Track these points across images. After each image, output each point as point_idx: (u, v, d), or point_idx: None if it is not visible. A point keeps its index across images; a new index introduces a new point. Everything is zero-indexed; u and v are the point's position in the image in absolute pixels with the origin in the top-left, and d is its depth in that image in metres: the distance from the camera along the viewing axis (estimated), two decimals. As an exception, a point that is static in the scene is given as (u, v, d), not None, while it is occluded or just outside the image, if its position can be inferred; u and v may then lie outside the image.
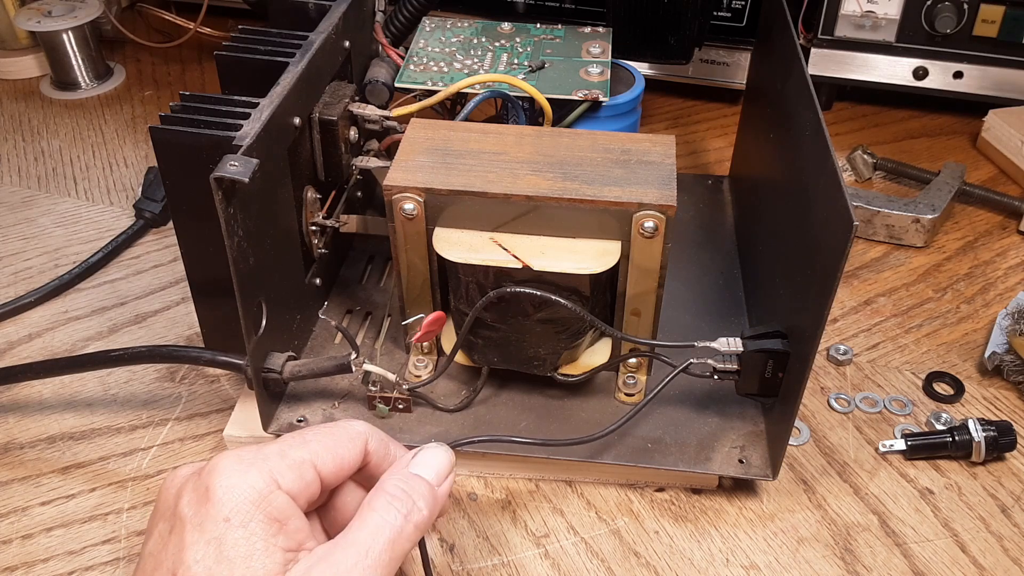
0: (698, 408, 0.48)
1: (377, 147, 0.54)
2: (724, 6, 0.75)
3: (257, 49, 0.47)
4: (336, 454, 0.36)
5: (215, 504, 0.32)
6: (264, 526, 0.32)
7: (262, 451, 0.34)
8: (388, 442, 0.38)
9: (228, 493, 0.32)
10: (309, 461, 0.34)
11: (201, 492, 0.32)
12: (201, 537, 0.31)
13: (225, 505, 0.32)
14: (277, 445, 0.35)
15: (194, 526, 0.32)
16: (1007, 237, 0.66)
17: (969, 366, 0.55)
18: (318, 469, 0.35)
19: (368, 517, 0.34)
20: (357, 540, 0.33)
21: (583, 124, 0.55)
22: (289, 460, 0.34)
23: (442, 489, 0.37)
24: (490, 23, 0.61)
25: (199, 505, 0.32)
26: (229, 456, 0.33)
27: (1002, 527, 0.46)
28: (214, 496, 0.32)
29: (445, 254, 0.44)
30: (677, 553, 0.44)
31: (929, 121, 0.80)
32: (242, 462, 0.33)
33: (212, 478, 0.32)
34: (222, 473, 0.32)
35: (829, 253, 0.38)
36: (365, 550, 0.33)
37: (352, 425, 0.37)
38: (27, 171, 0.73)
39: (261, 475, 0.33)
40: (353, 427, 0.37)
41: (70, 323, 0.58)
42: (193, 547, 0.31)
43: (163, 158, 0.42)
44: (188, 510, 0.32)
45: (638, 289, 0.45)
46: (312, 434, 0.36)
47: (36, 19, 0.80)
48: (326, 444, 0.36)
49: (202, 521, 0.31)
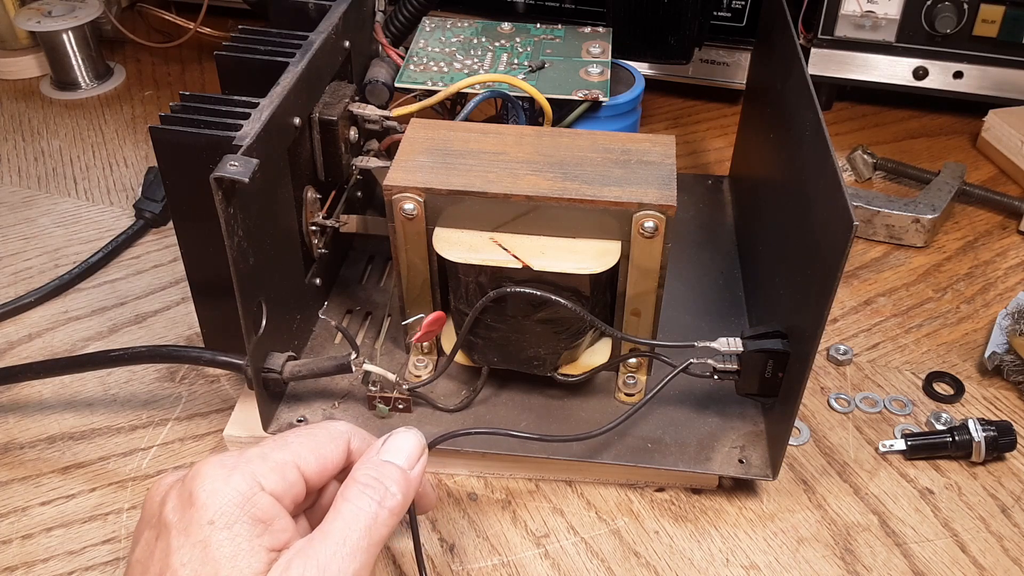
0: (698, 408, 0.48)
1: (377, 147, 0.54)
2: (724, 6, 0.75)
3: (257, 49, 0.47)
4: (319, 454, 0.36)
5: (199, 508, 0.32)
6: (249, 527, 0.32)
7: (244, 455, 0.34)
8: (371, 440, 0.39)
9: (212, 497, 0.32)
10: (292, 462, 0.35)
11: (185, 497, 0.33)
12: (187, 541, 0.31)
13: (209, 509, 0.32)
14: (259, 448, 0.35)
15: (179, 531, 0.32)
16: (1007, 237, 0.66)
17: (969, 366, 0.55)
18: (301, 469, 0.35)
19: (342, 508, 0.34)
20: (333, 531, 0.33)
21: (583, 124, 0.55)
22: (271, 462, 0.34)
23: (414, 472, 0.37)
24: (490, 23, 0.61)
25: (184, 510, 0.32)
26: (211, 461, 0.34)
27: (1002, 527, 0.46)
28: (198, 501, 0.32)
29: (445, 254, 0.44)
30: (677, 553, 0.44)
31: (929, 121, 0.80)
32: (224, 466, 0.33)
33: (195, 483, 0.33)
34: (205, 478, 0.33)
35: (829, 253, 0.38)
36: (342, 539, 0.33)
37: (333, 425, 0.38)
38: (27, 171, 0.73)
39: (244, 478, 0.33)
40: (334, 427, 0.38)
41: (70, 323, 0.58)
42: (179, 551, 0.31)
43: (163, 158, 0.42)
44: (173, 516, 0.32)
45: (638, 289, 0.45)
46: (293, 436, 0.36)
47: (36, 19, 0.80)
48: (308, 445, 0.36)
49: (187, 526, 0.32)
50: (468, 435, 0.45)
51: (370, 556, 0.33)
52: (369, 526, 0.34)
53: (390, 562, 0.44)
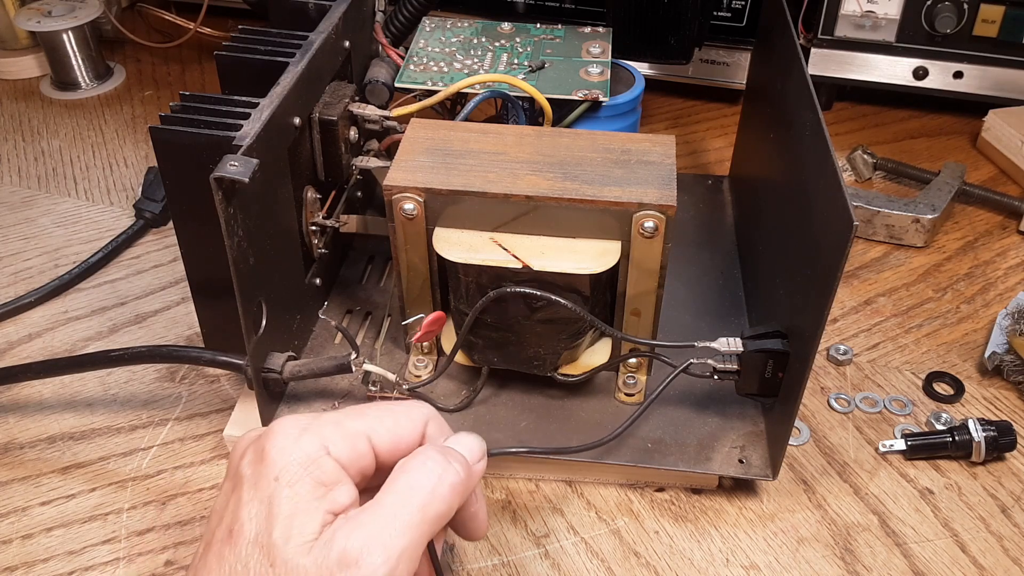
0: (698, 408, 0.48)
1: (377, 147, 0.54)
2: (724, 6, 0.75)
3: (257, 49, 0.47)
4: (393, 431, 0.36)
5: (268, 464, 0.33)
6: (311, 488, 0.32)
7: (320, 418, 0.35)
8: (447, 430, 0.38)
9: (280, 454, 0.33)
10: (363, 433, 0.35)
11: (258, 453, 0.34)
12: (256, 495, 0.32)
13: (276, 464, 0.33)
14: (335, 414, 0.35)
15: (250, 484, 0.33)
16: (1007, 237, 0.66)
17: (969, 366, 0.55)
18: (372, 442, 0.35)
19: (399, 480, 0.34)
20: (385, 503, 0.33)
21: (583, 124, 0.55)
22: (344, 429, 0.34)
23: (477, 467, 0.37)
24: (490, 23, 0.61)
25: (256, 464, 0.33)
26: (287, 420, 0.35)
27: (1002, 527, 0.46)
28: (268, 457, 0.33)
29: (445, 254, 0.44)
30: (677, 553, 0.44)
31: (929, 121, 0.80)
32: (297, 426, 0.34)
33: (268, 440, 0.34)
34: (278, 435, 0.34)
35: (829, 253, 0.38)
36: (393, 513, 0.32)
37: (415, 406, 0.38)
38: (27, 171, 0.73)
39: (313, 440, 0.33)
40: (415, 407, 0.37)
41: (70, 323, 0.58)
42: (249, 504, 0.32)
43: (163, 158, 0.42)
44: (247, 469, 0.33)
45: (638, 289, 0.45)
46: (372, 409, 0.36)
47: (36, 19, 0.80)
48: (384, 419, 0.36)
49: (257, 480, 0.33)
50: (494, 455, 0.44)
51: (421, 534, 0.32)
52: (425, 503, 0.33)
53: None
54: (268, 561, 0.31)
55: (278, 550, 0.31)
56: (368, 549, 0.31)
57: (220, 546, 0.32)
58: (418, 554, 0.32)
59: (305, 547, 0.31)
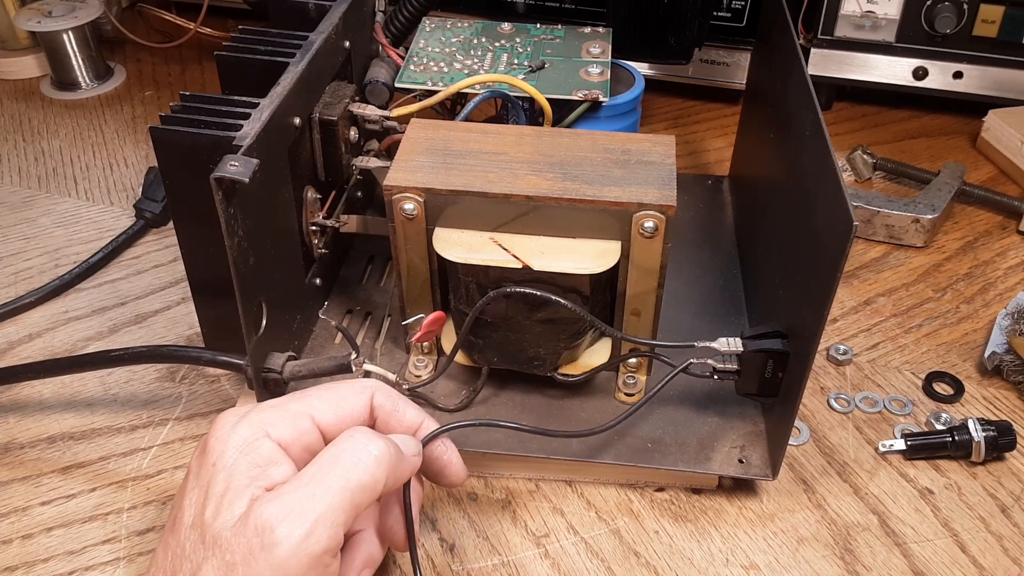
0: (698, 408, 0.48)
1: (377, 147, 0.54)
2: (724, 6, 0.75)
3: (257, 49, 0.47)
4: (336, 405, 0.37)
5: (207, 453, 0.35)
6: (245, 469, 0.34)
7: (259, 405, 0.37)
8: (398, 399, 0.39)
9: (217, 443, 0.35)
10: (305, 412, 0.36)
11: (201, 446, 0.36)
12: (197, 484, 0.35)
13: (214, 452, 0.35)
14: (278, 399, 0.37)
15: (193, 475, 0.35)
16: (1007, 237, 0.66)
17: (969, 366, 0.55)
18: (316, 419, 0.36)
19: (323, 452, 0.35)
20: (306, 472, 0.34)
21: (583, 124, 0.55)
22: (284, 411, 0.36)
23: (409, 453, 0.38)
24: (490, 23, 0.61)
25: (199, 457, 0.36)
26: (227, 412, 0.37)
27: (1002, 527, 0.46)
28: (207, 447, 0.35)
29: (445, 254, 0.44)
30: (677, 553, 0.44)
31: (929, 121, 0.80)
32: (236, 415, 0.36)
33: (210, 432, 0.36)
34: (216, 427, 0.36)
35: (829, 253, 0.38)
36: (313, 481, 0.33)
37: (360, 380, 0.39)
38: (27, 171, 0.73)
39: (250, 426, 0.35)
40: (360, 381, 0.39)
41: (70, 323, 0.58)
42: (190, 493, 0.35)
43: (163, 158, 0.42)
44: (193, 463, 0.36)
45: (638, 289, 0.45)
46: (315, 388, 0.38)
47: (36, 19, 0.80)
48: (325, 397, 0.38)
49: (199, 470, 0.35)
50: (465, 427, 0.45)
51: (342, 501, 0.33)
52: (346, 472, 0.34)
53: (391, 561, 0.44)
54: (200, 540, 0.33)
55: (208, 527, 0.33)
56: (283, 517, 0.32)
57: (167, 536, 0.35)
58: (340, 520, 0.33)
59: (231, 521, 0.33)
